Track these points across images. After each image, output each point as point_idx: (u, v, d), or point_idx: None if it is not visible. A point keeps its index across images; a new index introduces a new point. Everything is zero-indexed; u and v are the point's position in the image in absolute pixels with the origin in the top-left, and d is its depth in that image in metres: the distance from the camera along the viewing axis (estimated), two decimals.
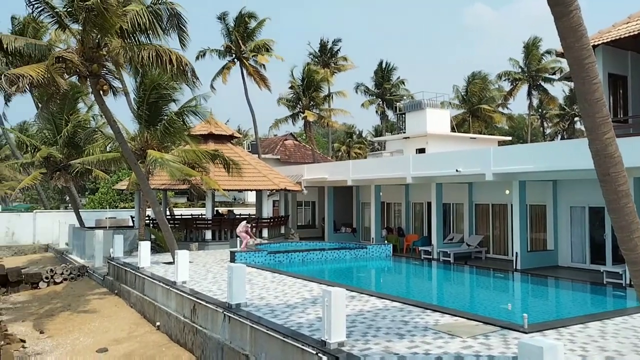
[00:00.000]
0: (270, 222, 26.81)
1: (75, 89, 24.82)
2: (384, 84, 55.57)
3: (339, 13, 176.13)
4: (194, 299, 13.00)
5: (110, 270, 20.75)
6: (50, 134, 27.25)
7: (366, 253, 22.12)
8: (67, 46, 19.20)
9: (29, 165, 28.13)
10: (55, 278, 21.87)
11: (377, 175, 25.09)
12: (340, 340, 8.51)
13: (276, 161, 42.77)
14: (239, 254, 19.67)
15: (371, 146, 68.79)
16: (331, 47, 50.16)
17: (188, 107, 21.74)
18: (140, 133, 22.18)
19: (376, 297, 12.69)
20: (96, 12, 15.72)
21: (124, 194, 40.40)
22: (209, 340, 11.82)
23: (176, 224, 25.57)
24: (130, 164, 19.68)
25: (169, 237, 19.42)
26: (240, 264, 12.18)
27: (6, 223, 34.18)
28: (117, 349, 13.05)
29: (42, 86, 17.00)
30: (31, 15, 18.40)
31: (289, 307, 11.74)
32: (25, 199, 54.38)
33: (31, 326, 16.09)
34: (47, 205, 44.68)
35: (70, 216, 31.82)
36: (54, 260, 28.34)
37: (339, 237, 29.02)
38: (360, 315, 10.86)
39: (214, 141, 27.01)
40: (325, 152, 59.40)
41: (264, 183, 25.87)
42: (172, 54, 17.44)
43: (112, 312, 16.79)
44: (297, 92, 40.59)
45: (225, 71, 38.23)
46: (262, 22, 38.80)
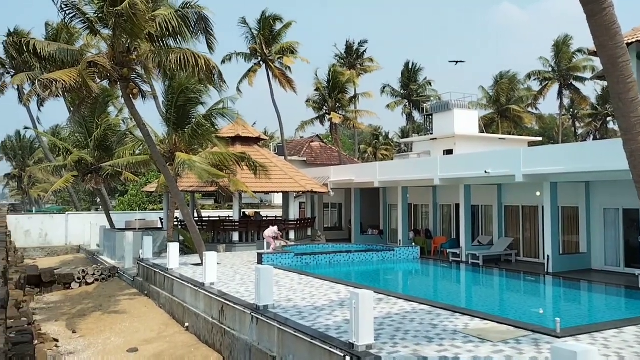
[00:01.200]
0: (297, 224, 26.86)
1: (106, 93, 25.30)
2: (410, 85, 55.21)
3: (365, 14, 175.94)
4: (222, 301, 13.09)
5: (140, 271, 21.07)
6: (82, 138, 27.84)
7: (393, 255, 21.96)
8: (98, 51, 19.62)
9: (61, 168, 28.81)
10: (87, 279, 22.32)
11: (404, 176, 24.90)
12: (368, 342, 8.45)
13: (302, 163, 42.87)
14: (266, 255, 19.75)
15: (398, 148, 68.43)
16: (357, 48, 50.06)
17: (215, 110, 21.95)
18: (169, 136, 22.50)
19: (404, 300, 12.57)
20: (125, 17, 16.00)
21: (153, 196, 41.00)
22: (237, 342, 11.89)
23: (204, 226, 25.83)
24: (159, 166, 19.97)
25: (197, 238, 19.63)
26: (268, 266, 12.23)
27: (40, 225, 35.06)
28: (147, 349, 13.23)
29: (75, 90, 17.38)
30: (64, 21, 18.84)
31: (317, 309, 11.72)
32: (57, 201, 55.74)
33: (64, 326, 16.42)
34: (79, 207, 45.66)
35: (101, 218, 32.45)
36: (86, 261, 28.93)
37: (366, 239, 28.90)
38: (388, 318, 10.77)
39: (241, 143, 27.19)
40: (351, 154, 59.28)
41: (291, 185, 25.93)
42: (200, 57, 17.63)
43: (142, 313, 17.03)
44: (322, 94, 40.62)
45: (251, 74, 38.48)
46: (287, 24, 38.92)
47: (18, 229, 34.21)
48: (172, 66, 17.47)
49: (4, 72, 41.84)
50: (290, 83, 38.99)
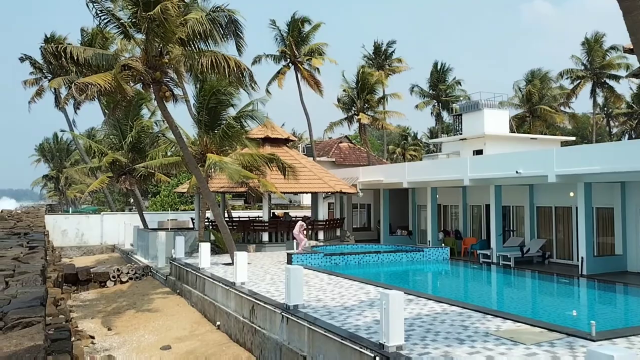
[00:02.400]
0: (326, 225, 26.94)
1: (139, 96, 25.85)
2: (439, 85, 54.71)
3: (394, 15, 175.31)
4: (252, 300, 13.26)
5: (172, 270, 21.46)
6: (116, 140, 28.50)
7: (423, 256, 21.84)
8: (131, 55, 20.07)
9: (96, 170, 29.56)
10: (122, 277, 22.85)
11: (433, 177, 24.73)
12: (398, 343, 8.46)
13: (331, 164, 42.96)
14: (296, 256, 19.88)
15: (426, 148, 67.90)
16: (385, 49, 49.90)
17: (245, 112, 22.21)
18: (200, 137, 22.85)
19: (434, 301, 12.52)
20: (157, 22, 16.34)
21: (184, 197, 41.68)
22: (268, 341, 12.02)
23: (234, 226, 26.14)
24: (190, 167, 20.30)
25: (228, 238, 19.89)
26: (298, 266, 12.33)
27: (76, 225, 36.03)
28: (180, 347, 13.48)
29: (109, 94, 17.86)
30: (99, 26, 19.36)
31: (346, 309, 11.77)
32: (93, 201, 57.11)
33: (99, 323, 16.85)
34: (113, 208, 46.71)
35: (135, 218, 33.14)
36: (120, 260, 29.60)
37: (395, 239, 28.79)
38: (418, 319, 10.75)
39: (270, 144, 27.41)
40: (380, 155, 59.07)
41: (320, 186, 26.03)
42: (231, 59, 17.86)
43: (174, 311, 17.36)
44: (351, 95, 40.62)
45: (280, 76, 38.77)
46: (316, 26, 39.10)
47: (56, 229, 35.23)
48: (204, 69, 17.76)
49: (42, 76, 43.18)
50: (318, 84, 39.16)
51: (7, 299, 9.97)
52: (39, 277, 12.79)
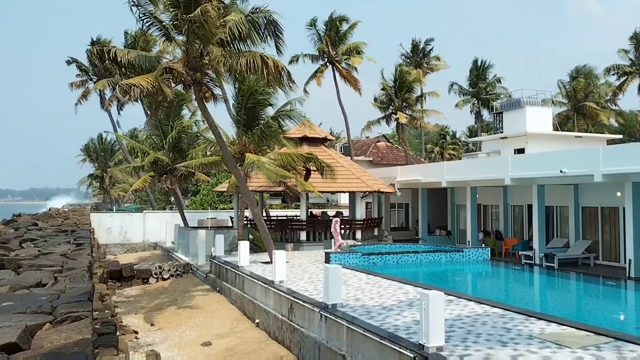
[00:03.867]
0: (364, 224, 26.86)
1: (180, 97, 26.36)
2: (479, 83, 53.78)
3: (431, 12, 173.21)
4: (291, 298, 13.34)
5: (212, 268, 21.81)
6: (158, 140, 29.16)
7: (462, 256, 21.51)
8: (173, 57, 20.50)
9: (139, 169, 30.32)
10: (163, 274, 23.37)
11: (473, 176, 24.33)
12: (438, 344, 8.36)
13: (368, 163, 42.79)
14: (334, 255, 19.90)
15: (465, 147, 66.82)
16: (423, 47, 49.40)
17: (283, 111, 22.35)
18: (239, 137, 23.12)
19: (475, 302, 12.31)
20: (198, 23, 16.62)
21: (223, 196, 42.28)
22: (306, 339, 12.07)
23: (272, 225, 26.35)
24: (229, 166, 20.59)
25: (267, 237, 20.07)
26: (336, 265, 12.33)
27: (120, 223, 37.08)
28: (220, 344, 13.69)
29: (152, 95, 18.28)
30: (141, 29, 19.83)
31: (385, 309, 11.71)
32: (135, 200, 58.60)
33: (142, 318, 17.27)
34: (155, 206, 47.82)
35: (176, 216, 33.84)
36: (162, 258, 30.28)
37: (433, 239, 28.48)
38: (459, 320, 10.59)
39: (307, 144, 27.50)
40: (418, 154, 58.49)
41: (357, 185, 25.97)
42: (269, 59, 17.99)
43: (214, 308, 17.63)
44: (389, 94, 40.36)
45: (318, 75, 38.86)
46: (353, 25, 39.01)
47: (100, 227, 36.34)
48: (242, 69, 17.95)
49: (87, 78, 44.60)
50: (355, 83, 39.06)
51: (57, 293, 10.34)
52: (86, 273, 13.21)
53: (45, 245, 20.48)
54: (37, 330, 7.58)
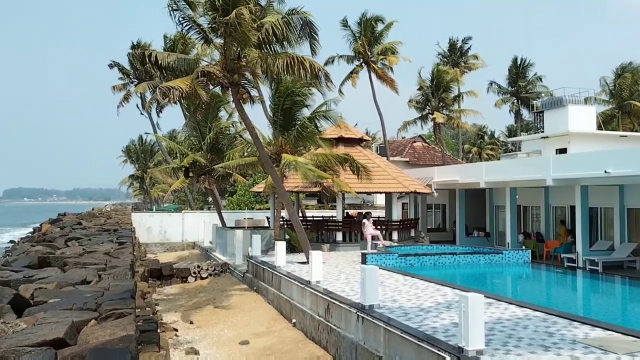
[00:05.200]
0: (400, 225, 26.66)
1: (218, 99, 26.77)
2: (518, 82, 52.61)
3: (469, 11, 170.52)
4: (328, 299, 13.35)
5: (249, 268, 22.05)
6: (196, 141, 29.68)
7: (502, 259, 21.09)
8: (211, 59, 20.86)
9: (178, 170, 30.94)
10: (202, 273, 23.75)
11: (513, 177, 23.81)
12: (478, 348, 8.22)
13: (405, 163, 42.45)
14: (370, 256, 19.82)
15: (504, 147, 65.53)
16: (461, 45, 48.68)
17: (319, 112, 22.43)
18: (275, 138, 23.31)
19: (516, 305, 12.04)
20: (234, 26, 16.84)
21: (260, 196, 42.69)
22: (343, 340, 12.06)
23: (308, 225, 26.44)
24: (266, 167, 20.77)
25: (303, 237, 20.15)
26: (373, 266, 12.28)
27: (159, 222, 37.93)
28: (257, 343, 13.82)
29: (190, 97, 18.62)
30: (180, 32, 20.25)
31: (423, 311, 11.59)
32: (174, 200, 59.78)
33: (181, 317, 17.59)
34: (193, 206, 48.67)
35: (213, 216, 34.36)
36: (200, 257, 30.79)
37: (471, 241, 27.99)
38: (499, 324, 10.39)
39: (344, 144, 27.47)
40: (455, 154, 57.69)
41: (394, 185, 25.80)
42: (306, 60, 18.09)
43: (251, 308, 17.82)
44: (425, 94, 39.96)
45: (354, 75, 38.81)
46: (389, 25, 38.81)
47: (141, 226, 37.24)
48: (279, 71, 18.10)
49: (129, 81, 45.79)
50: (392, 83, 38.84)
51: (101, 291, 10.66)
52: (129, 271, 13.56)
53: (89, 243, 21.13)
54: (82, 326, 7.83)
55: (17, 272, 12.93)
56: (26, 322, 7.94)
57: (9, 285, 10.97)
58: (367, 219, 23.69)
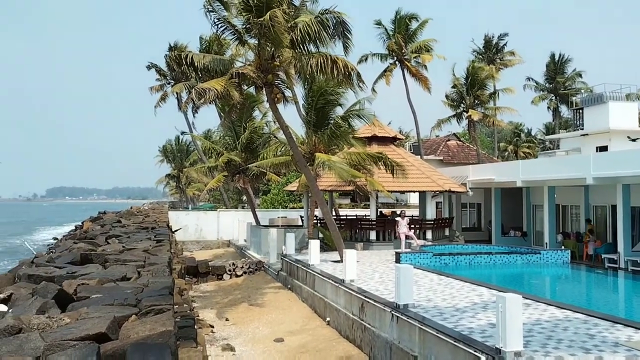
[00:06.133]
0: (434, 224, 26.41)
1: (252, 99, 27.04)
2: (556, 78, 51.38)
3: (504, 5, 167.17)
4: (362, 297, 13.35)
5: (283, 266, 22.21)
6: (231, 140, 30.06)
7: (540, 259, 20.65)
8: (245, 59, 21.06)
9: (213, 169, 31.39)
10: (237, 271, 24.06)
11: (551, 175, 23.29)
12: (516, 349, 8.09)
13: (439, 162, 42.00)
14: (404, 255, 19.71)
15: (542, 145, 64.08)
16: (496, 42, 47.86)
17: (353, 111, 22.40)
18: (309, 137, 23.40)
19: (555, 307, 11.79)
20: (268, 27, 16.97)
21: (293, 195, 42.92)
22: (378, 339, 12.04)
23: (341, 224, 26.44)
24: (300, 166, 20.88)
25: (337, 236, 20.18)
26: (407, 265, 12.21)
27: (195, 221, 38.59)
28: (292, 340, 13.92)
29: (225, 98, 18.87)
30: (215, 33, 20.52)
31: (458, 311, 11.47)
32: (209, 199, 60.68)
33: (217, 314, 17.86)
34: (228, 205, 49.30)
35: (248, 215, 34.73)
36: (235, 255, 31.18)
37: (508, 241, 27.50)
38: (538, 325, 10.19)
39: (377, 143, 27.36)
40: (490, 153, 56.69)
41: (428, 184, 25.57)
42: (339, 60, 18.08)
43: (286, 306, 17.95)
44: (460, 91, 39.42)
45: (387, 73, 38.61)
46: (423, 22, 38.45)
47: (177, 224, 37.94)
48: (313, 70, 18.15)
49: (165, 82, 46.72)
50: (425, 82, 38.47)
51: (140, 287, 10.94)
52: (166, 269, 13.87)
53: (129, 241, 21.69)
54: (123, 321, 8.06)
55: (60, 268, 13.39)
56: (70, 317, 8.22)
57: (53, 280, 11.38)
58: (401, 218, 23.55)
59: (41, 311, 8.66)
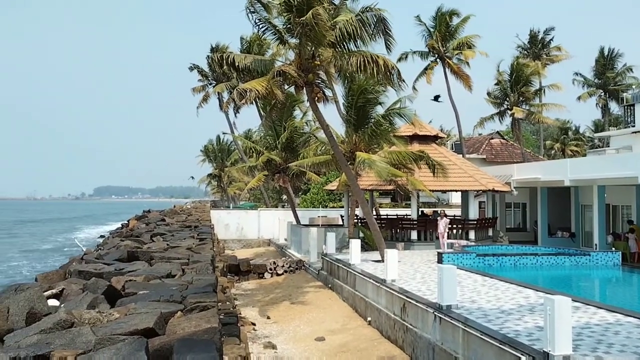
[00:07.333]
0: (477, 224, 25.90)
1: (292, 98, 27.17)
2: (606, 73, 49.56)
3: None
4: (404, 298, 13.22)
5: (323, 265, 22.24)
6: (271, 140, 30.29)
7: (589, 260, 19.95)
8: (285, 59, 21.20)
9: (253, 168, 31.73)
10: (277, 270, 24.24)
11: (601, 174, 22.47)
12: (565, 353, 7.85)
13: (481, 161, 41.25)
14: (447, 255, 19.41)
15: (590, 143, 61.96)
16: (542, 37, 46.55)
17: (393, 110, 22.21)
18: (349, 136, 23.34)
19: (605, 310, 11.37)
20: (310, 26, 17.00)
21: (333, 194, 42.93)
22: (420, 340, 11.90)
23: (382, 224, 26.27)
24: (340, 165, 20.85)
25: (378, 236, 20.06)
26: (450, 265, 12.01)
27: (237, 219, 39.11)
28: (333, 339, 13.92)
29: (265, 97, 19.03)
30: (257, 34, 20.74)
31: (504, 313, 11.21)
32: (250, 198, 61.39)
33: (258, 312, 18.02)
34: (268, 204, 49.77)
35: (288, 214, 34.94)
36: (275, 254, 31.42)
37: (555, 242, 26.72)
38: (587, 329, 9.85)
39: (418, 142, 27.05)
40: (535, 151, 55.22)
41: (471, 183, 25.10)
42: (379, 58, 17.96)
43: (326, 305, 17.96)
44: (503, 88, 38.53)
45: (428, 71, 38.13)
46: (465, 19, 37.77)
47: (219, 223, 38.57)
48: (353, 69, 18.09)
49: (207, 83, 47.57)
50: (467, 80, 37.80)
51: (185, 284, 11.16)
52: (210, 266, 14.11)
53: (173, 239, 22.20)
54: (170, 317, 8.24)
55: (108, 265, 13.81)
56: (119, 312, 8.46)
57: (102, 277, 11.75)
58: (440, 218, 23.17)
59: (91, 306, 8.95)
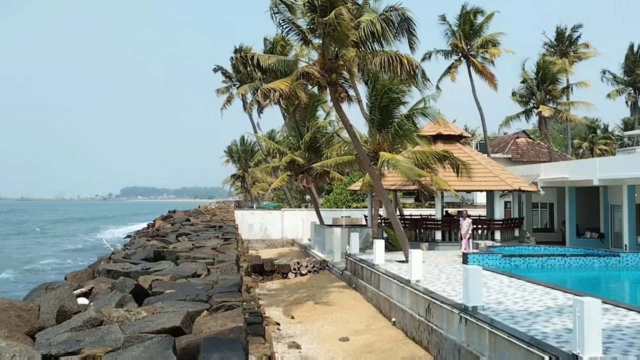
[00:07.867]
0: (503, 225, 25.56)
1: (315, 98, 27.21)
2: (636, 70, 48.40)
3: None
4: (428, 298, 13.12)
5: (347, 265, 22.21)
6: (295, 140, 30.39)
7: (619, 262, 19.51)
8: (309, 59, 21.24)
9: (277, 169, 31.88)
10: (301, 270, 24.30)
11: (631, 173, 21.99)
12: (595, 355, 7.71)
13: (507, 160, 40.70)
14: (472, 255, 19.20)
15: (620, 142, 60.61)
16: (570, 34, 45.71)
17: (417, 109, 22.06)
18: (373, 136, 23.26)
19: (636, 312, 11.10)
20: (333, 26, 17.00)
21: (357, 194, 42.83)
22: (445, 341, 11.80)
23: (406, 224, 26.12)
24: (364, 165, 20.80)
25: (402, 236, 19.95)
26: (476, 266, 11.88)
27: (260, 220, 39.31)
28: (357, 340, 13.89)
29: (289, 98, 19.09)
30: (280, 35, 20.81)
31: (531, 315, 11.03)
32: (273, 198, 61.68)
33: (282, 311, 18.08)
34: (292, 204, 49.92)
35: (311, 214, 34.99)
36: (299, 254, 31.50)
37: (583, 242, 26.22)
38: (618, 331, 9.64)
39: (442, 142, 26.83)
40: (562, 150, 54.23)
41: (496, 183, 24.78)
42: (403, 57, 17.86)
43: (350, 305, 17.94)
44: (530, 87, 37.95)
45: (452, 70, 37.82)
46: (489, 16, 37.37)
47: (243, 223, 38.83)
48: (377, 69, 18.04)
49: (231, 84, 47.99)
50: (492, 78, 37.36)
51: (211, 283, 11.28)
52: (234, 266, 14.23)
53: (198, 239, 22.45)
54: (196, 316, 8.33)
55: (136, 264, 14.04)
56: (146, 311, 8.59)
57: (129, 276, 11.95)
58: (463, 218, 22.90)
59: (120, 305, 9.11)
